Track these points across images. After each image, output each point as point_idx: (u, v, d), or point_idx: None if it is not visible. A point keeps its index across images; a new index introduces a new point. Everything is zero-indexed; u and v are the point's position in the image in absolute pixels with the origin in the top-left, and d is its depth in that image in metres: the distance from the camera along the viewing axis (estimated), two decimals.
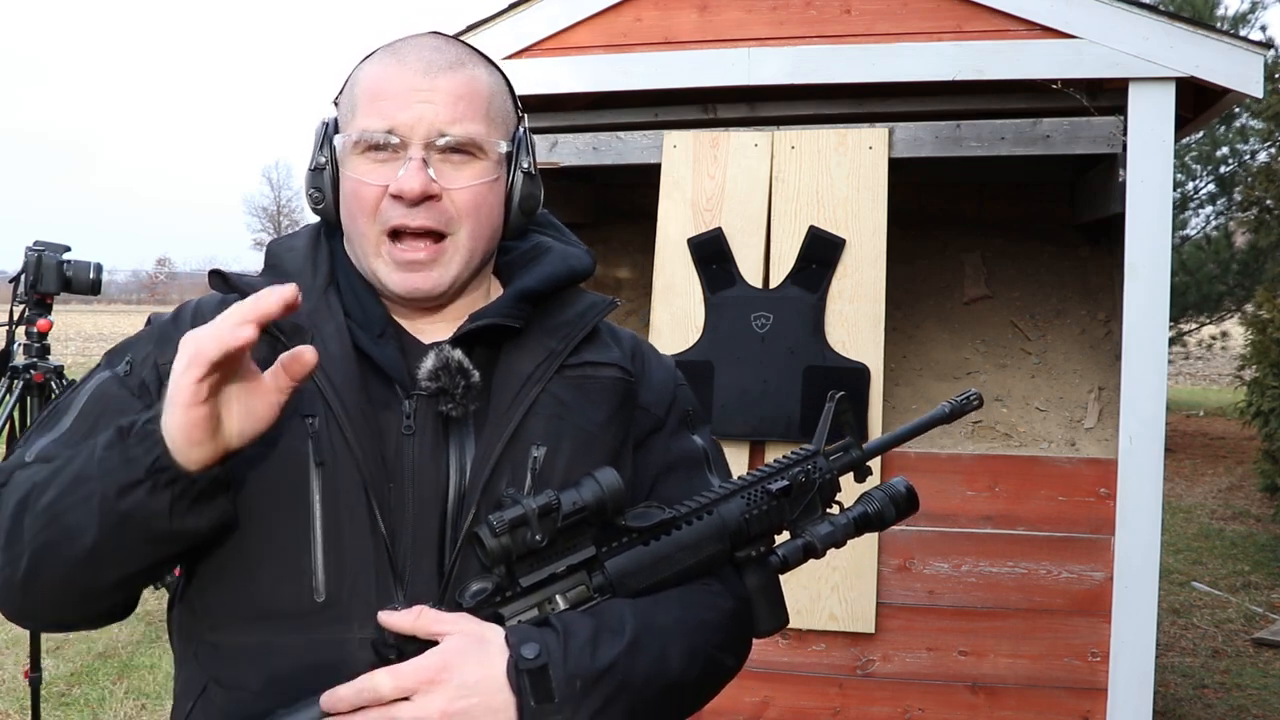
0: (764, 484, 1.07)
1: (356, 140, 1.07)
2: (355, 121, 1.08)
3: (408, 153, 1.05)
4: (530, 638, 0.96)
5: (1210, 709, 4.37)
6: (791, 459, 1.10)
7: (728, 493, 1.07)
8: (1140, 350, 2.85)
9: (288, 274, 1.10)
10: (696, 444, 1.21)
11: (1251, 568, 6.56)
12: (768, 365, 2.98)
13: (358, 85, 1.10)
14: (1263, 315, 7.35)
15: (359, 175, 1.07)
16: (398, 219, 1.06)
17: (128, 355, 1.11)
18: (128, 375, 1.09)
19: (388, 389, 1.07)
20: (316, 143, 1.13)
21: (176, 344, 0.95)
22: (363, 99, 1.08)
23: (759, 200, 3.09)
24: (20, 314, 3.67)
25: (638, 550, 1.03)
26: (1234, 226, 10.87)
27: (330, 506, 1.02)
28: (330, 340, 1.06)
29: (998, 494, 2.97)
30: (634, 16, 3.15)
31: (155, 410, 0.93)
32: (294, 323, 1.05)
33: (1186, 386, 15.50)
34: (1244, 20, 10.35)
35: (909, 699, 2.98)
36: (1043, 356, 3.45)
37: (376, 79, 1.08)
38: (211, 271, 1.13)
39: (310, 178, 1.13)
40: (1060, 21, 2.89)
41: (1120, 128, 2.91)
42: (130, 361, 1.11)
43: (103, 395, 1.08)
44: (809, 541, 1.08)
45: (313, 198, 1.13)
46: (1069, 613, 2.92)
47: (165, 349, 1.05)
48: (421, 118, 1.05)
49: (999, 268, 3.81)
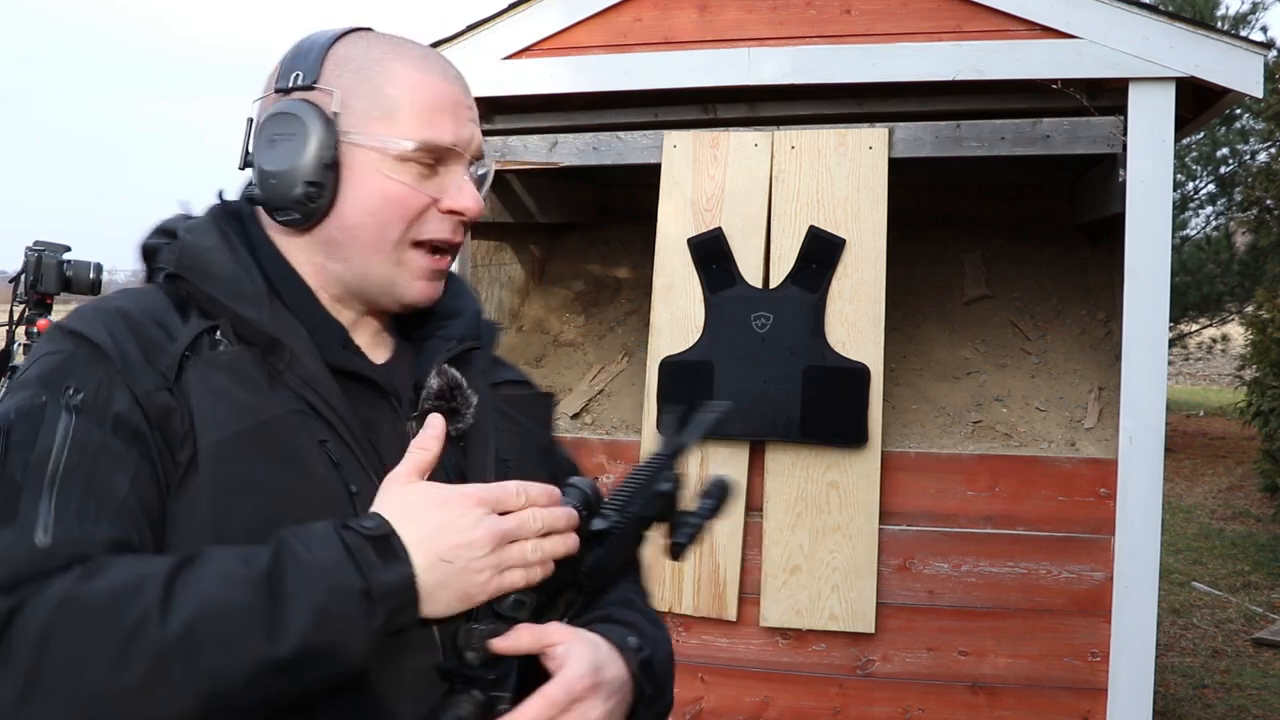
0: (654, 485, 1.10)
1: (414, 150, 1.01)
2: (398, 126, 1.01)
3: (454, 169, 1.04)
4: (623, 633, 1.01)
5: (1210, 709, 4.37)
6: (659, 462, 1.12)
7: (632, 494, 1.09)
8: (1140, 350, 2.85)
9: (221, 279, 0.99)
10: (568, 453, 1.27)
11: (1251, 568, 6.56)
12: (768, 365, 2.98)
13: (391, 85, 1.02)
14: (1263, 315, 7.35)
15: (409, 182, 1.01)
16: (444, 234, 1.04)
17: (69, 384, 0.91)
18: (88, 410, 0.90)
19: (373, 408, 1.04)
20: (312, 131, 1.00)
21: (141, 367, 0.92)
22: (410, 105, 1.02)
23: (759, 200, 3.09)
24: (20, 314, 3.67)
25: (599, 551, 1.06)
26: (1234, 226, 10.86)
27: None
28: (304, 355, 0.99)
29: (998, 494, 2.97)
30: (634, 16, 3.15)
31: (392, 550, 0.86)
32: (268, 335, 0.98)
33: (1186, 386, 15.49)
34: (1244, 20, 10.34)
35: (909, 699, 2.98)
36: (1043, 356, 3.45)
37: (424, 88, 1.03)
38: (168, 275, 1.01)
39: (310, 170, 1.00)
40: (1060, 21, 2.89)
41: (1120, 128, 2.91)
42: (80, 393, 0.90)
43: (87, 445, 0.88)
44: (692, 532, 1.13)
45: (307, 194, 1.00)
46: (1069, 613, 2.92)
47: (136, 375, 0.92)
48: (474, 137, 1.05)
49: (999, 268, 3.81)
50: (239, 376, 0.95)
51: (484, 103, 3.36)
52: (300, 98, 1.02)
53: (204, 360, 0.95)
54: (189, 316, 0.98)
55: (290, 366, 0.98)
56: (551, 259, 4.19)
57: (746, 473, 3.01)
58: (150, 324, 0.96)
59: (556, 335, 3.84)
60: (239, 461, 0.93)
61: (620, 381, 3.54)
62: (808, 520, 2.97)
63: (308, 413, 0.97)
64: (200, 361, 0.95)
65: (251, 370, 0.96)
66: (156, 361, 0.94)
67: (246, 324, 0.97)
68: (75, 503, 0.85)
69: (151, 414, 0.91)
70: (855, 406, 2.93)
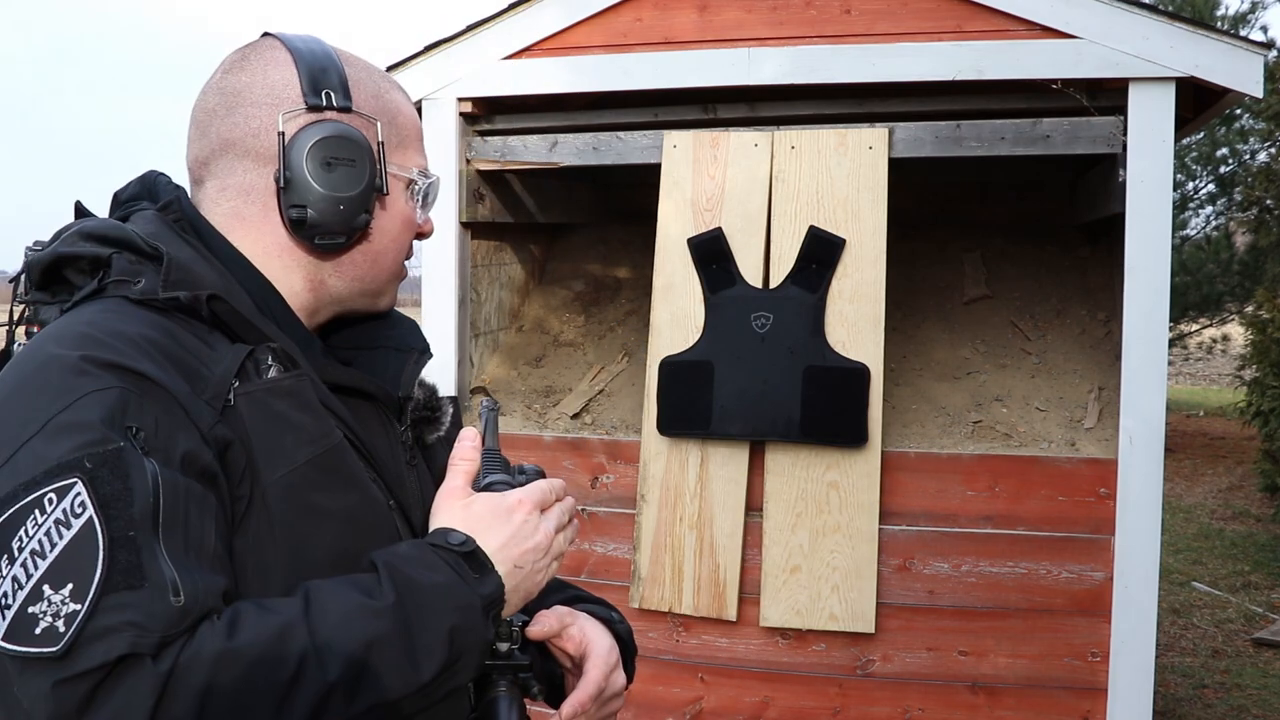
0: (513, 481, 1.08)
1: (420, 180, 1.07)
2: (408, 156, 1.07)
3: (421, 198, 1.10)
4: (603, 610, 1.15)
5: (1210, 709, 4.37)
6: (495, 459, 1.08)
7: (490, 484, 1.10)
8: (1140, 350, 2.85)
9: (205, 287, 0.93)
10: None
11: (1251, 568, 6.56)
12: (768, 365, 2.98)
13: (400, 115, 1.06)
14: (1263, 315, 7.35)
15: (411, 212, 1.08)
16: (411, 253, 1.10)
17: (128, 423, 0.82)
18: (156, 452, 0.82)
19: (373, 420, 1.05)
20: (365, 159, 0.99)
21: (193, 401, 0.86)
22: (413, 136, 1.08)
23: (759, 200, 3.09)
24: (20, 314, 3.68)
25: None
26: (1234, 226, 10.86)
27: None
28: (311, 373, 0.98)
29: (998, 494, 2.97)
30: (634, 16, 3.15)
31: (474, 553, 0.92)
32: (288, 354, 0.95)
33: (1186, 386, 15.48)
34: (1244, 20, 10.34)
35: (909, 699, 2.98)
36: (1043, 356, 3.45)
37: (414, 118, 1.09)
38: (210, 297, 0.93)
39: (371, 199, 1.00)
40: (1060, 21, 2.89)
41: (1120, 128, 2.91)
42: (143, 433, 0.82)
43: (175, 493, 0.82)
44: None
45: (365, 222, 1.00)
46: (1069, 613, 2.92)
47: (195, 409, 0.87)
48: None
49: (999, 268, 3.81)
50: (299, 402, 0.93)
51: (484, 103, 3.37)
52: (351, 123, 1.00)
53: (260, 387, 0.91)
54: (212, 340, 0.92)
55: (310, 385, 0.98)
56: (551, 259, 4.19)
57: (746, 473, 3.01)
58: (180, 351, 0.89)
59: (556, 335, 3.84)
60: (311, 489, 0.91)
61: (620, 381, 3.54)
62: (808, 520, 2.97)
63: (330, 424, 0.97)
64: (255, 389, 0.90)
65: (309, 394, 0.95)
66: (203, 392, 0.88)
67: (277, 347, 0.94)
68: (184, 556, 0.80)
69: (212, 449, 0.86)
70: (855, 406, 2.93)
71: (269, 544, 0.88)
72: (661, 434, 3.06)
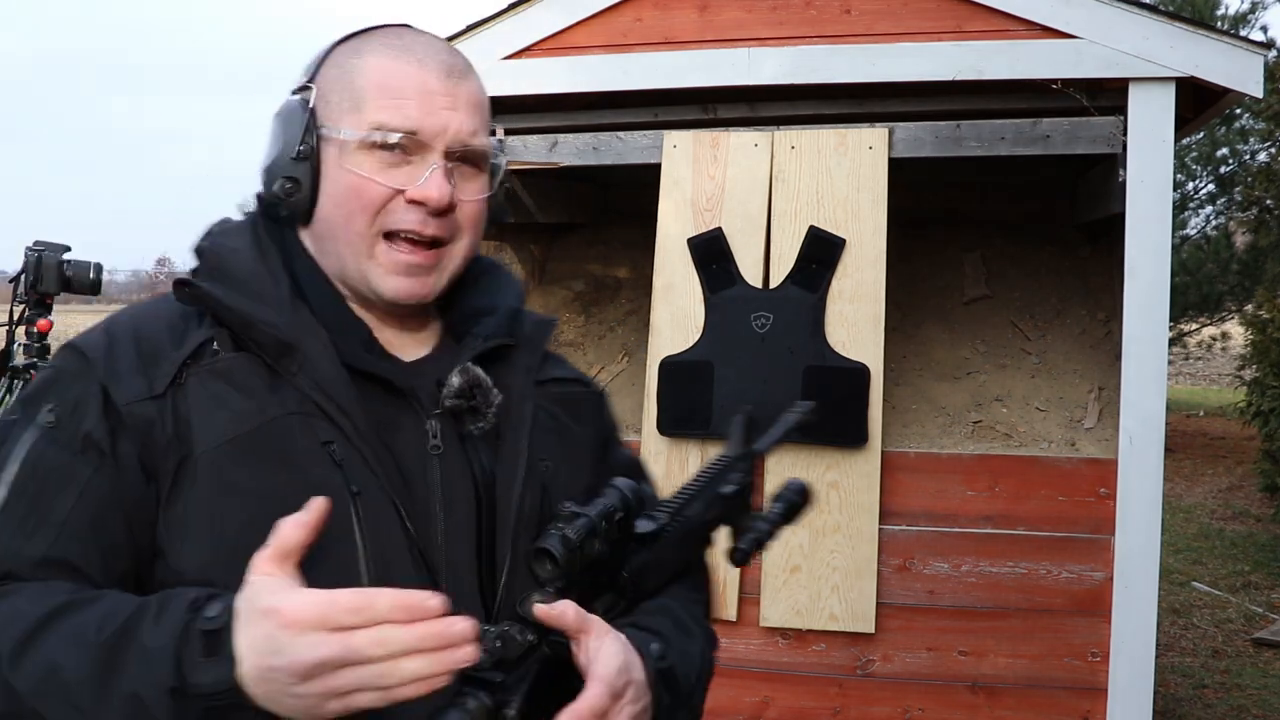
0: (715, 488, 1.09)
1: (367, 136, 1.00)
2: (363, 115, 1.01)
3: (428, 159, 1.01)
4: (645, 639, 0.98)
5: (1210, 709, 4.37)
6: (724, 464, 1.12)
7: (690, 498, 1.08)
8: (1140, 350, 2.85)
9: (241, 281, 1.00)
10: (629, 452, 1.25)
11: (1251, 568, 6.56)
12: (768, 365, 2.98)
13: (360, 75, 1.02)
14: (1263, 315, 7.35)
15: (367, 173, 1.00)
16: (410, 224, 1.01)
17: (48, 403, 0.95)
18: (54, 428, 0.94)
19: (392, 407, 1.02)
20: (291, 126, 1.02)
21: (130, 377, 0.93)
22: (372, 93, 1.01)
23: (759, 200, 3.09)
24: (20, 314, 3.67)
25: (644, 554, 1.04)
26: (1234, 226, 10.86)
27: (372, 537, 0.98)
28: (319, 358, 0.98)
29: (998, 494, 2.97)
30: (634, 16, 3.15)
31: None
32: (280, 339, 0.97)
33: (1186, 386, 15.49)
34: (1244, 20, 10.34)
35: (909, 699, 2.98)
36: (1043, 356, 3.45)
37: (390, 74, 1.01)
38: (177, 282, 1.00)
39: (285, 165, 1.01)
40: (1060, 21, 2.89)
41: (1120, 128, 2.91)
42: (55, 410, 0.94)
43: (39, 462, 0.93)
44: (757, 537, 1.11)
45: (284, 189, 1.01)
46: (1069, 613, 2.92)
47: (119, 385, 0.94)
48: (448, 125, 1.01)
49: (999, 268, 3.81)
50: (234, 383, 0.96)
51: None
52: (292, 96, 1.04)
53: (203, 368, 0.96)
54: (203, 323, 0.99)
55: (303, 369, 0.97)
56: (551, 259, 4.19)
57: None
58: (160, 333, 0.97)
59: (556, 335, 3.84)
60: (232, 466, 0.93)
61: (620, 381, 3.54)
62: (808, 520, 2.95)
63: (314, 415, 0.97)
64: (200, 369, 0.96)
65: (248, 376, 0.97)
66: (151, 371, 0.95)
67: (256, 328, 0.97)
68: (14, 523, 0.90)
69: (128, 425, 0.93)
70: (855, 406, 2.93)
71: (193, 515, 0.93)
72: (661, 434, 3.06)
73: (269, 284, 1.00)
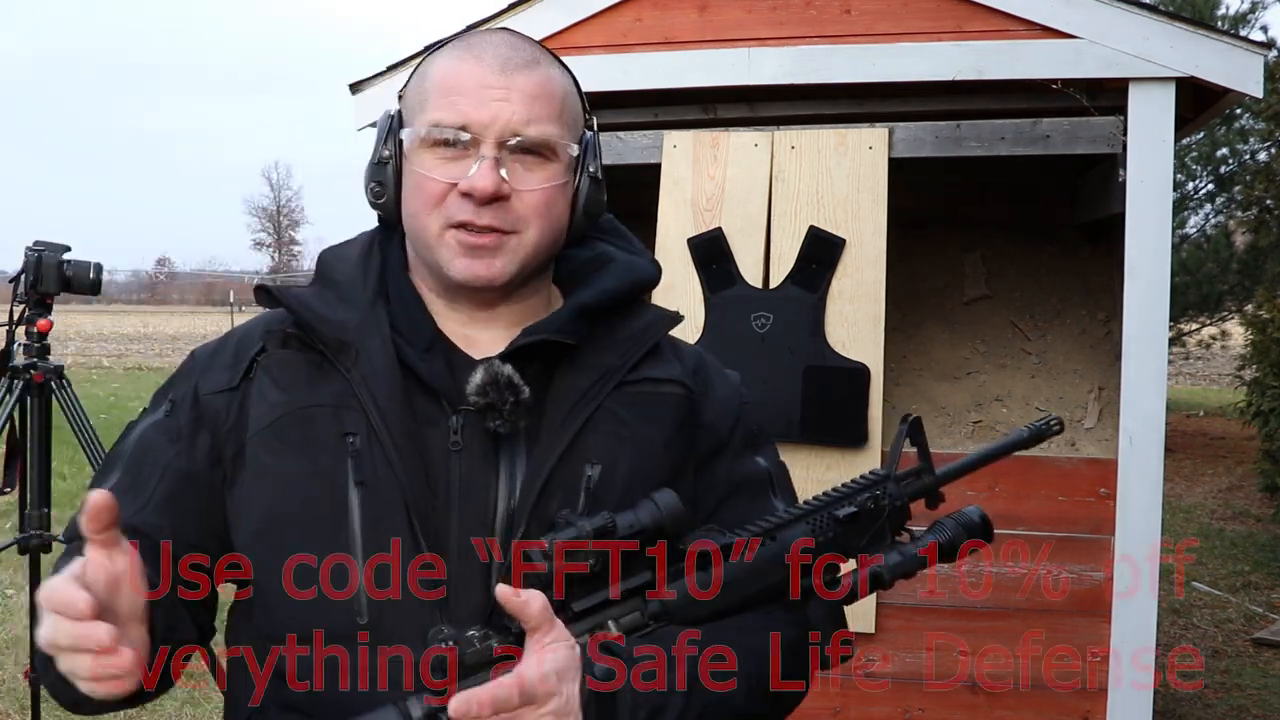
0: (830, 510, 1.03)
1: (425, 134, 1.04)
2: (425, 115, 1.05)
3: (480, 151, 1.03)
4: (601, 660, 0.93)
5: (1210, 709, 4.37)
6: (861, 483, 1.06)
7: (792, 518, 1.03)
8: (1140, 350, 2.85)
9: (337, 284, 1.09)
10: (760, 466, 1.18)
11: (1251, 568, 6.56)
12: (768, 365, 2.98)
13: (428, 78, 1.07)
14: (1263, 315, 7.35)
15: (425, 170, 1.05)
16: (464, 215, 1.03)
17: (170, 395, 1.11)
18: (169, 416, 1.10)
19: (433, 404, 1.04)
20: (380, 135, 1.10)
21: (220, 371, 1.08)
22: (435, 93, 1.06)
23: (759, 200, 3.09)
24: (20, 314, 3.67)
25: (698, 576, 0.99)
26: (1234, 226, 10.86)
27: (371, 528, 1.00)
28: (375, 354, 1.04)
29: (998, 494, 2.97)
30: (634, 16, 3.15)
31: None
32: (338, 337, 1.05)
33: (1186, 386, 15.50)
34: (1244, 20, 10.35)
35: (909, 699, 2.98)
36: (1043, 356, 3.45)
37: (450, 73, 1.06)
38: (256, 287, 1.12)
39: (372, 171, 1.10)
40: (1060, 21, 2.89)
41: (1120, 128, 2.91)
42: (172, 400, 1.11)
43: (145, 444, 1.09)
44: (877, 571, 1.03)
45: (373, 191, 1.10)
46: (1069, 613, 2.92)
47: (208, 378, 1.09)
48: (497, 116, 1.03)
49: (999, 268, 3.81)
50: (277, 376, 1.06)
51: None
52: (390, 109, 1.12)
53: (259, 363, 1.08)
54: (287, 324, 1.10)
55: (356, 364, 1.04)
56: None
57: None
58: (254, 333, 1.11)
59: None
60: (264, 453, 1.04)
61: None
62: None
63: (348, 407, 1.03)
64: (258, 365, 1.08)
65: (285, 370, 1.07)
66: (236, 367, 1.08)
67: (314, 327, 1.06)
68: (120, 491, 0.99)
69: (205, 415, 1.07)
70: (855, 406, 2.93)
71: (242, 497, 1.05)
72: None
73: (358, 286, 1.09)
